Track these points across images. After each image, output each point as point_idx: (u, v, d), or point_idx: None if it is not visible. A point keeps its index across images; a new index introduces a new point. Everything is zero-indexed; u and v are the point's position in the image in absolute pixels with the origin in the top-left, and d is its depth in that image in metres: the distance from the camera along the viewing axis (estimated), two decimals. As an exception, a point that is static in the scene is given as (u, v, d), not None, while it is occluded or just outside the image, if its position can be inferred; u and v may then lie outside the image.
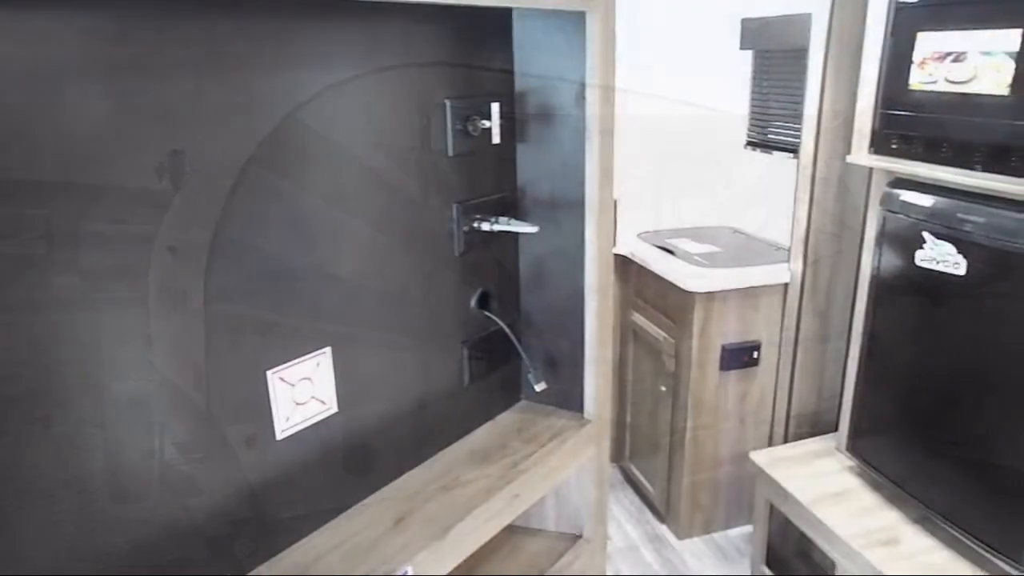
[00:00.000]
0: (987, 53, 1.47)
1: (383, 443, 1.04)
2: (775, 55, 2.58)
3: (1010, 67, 1.43)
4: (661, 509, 2.54)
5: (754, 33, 2.58)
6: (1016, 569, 1.59)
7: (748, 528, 2.43)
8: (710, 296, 2.19)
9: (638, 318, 2.53)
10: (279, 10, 0.81)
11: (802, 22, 2.14)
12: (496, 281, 1.19)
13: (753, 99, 2.74)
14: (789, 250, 2.24)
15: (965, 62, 1.52)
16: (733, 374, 2.29)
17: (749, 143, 2.77)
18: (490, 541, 1.23)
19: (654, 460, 2.53)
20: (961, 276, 1.63)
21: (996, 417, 1.61)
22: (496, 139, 1.11)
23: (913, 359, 1.82)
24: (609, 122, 1.10)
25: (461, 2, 0.91)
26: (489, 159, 1.13)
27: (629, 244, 2.54)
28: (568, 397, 1.23)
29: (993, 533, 1.62)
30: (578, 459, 1.18)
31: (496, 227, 1.11)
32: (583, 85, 1.06)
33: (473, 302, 1.15)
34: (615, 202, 1.17)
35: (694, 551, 2.42)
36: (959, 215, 1.62)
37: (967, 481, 1.68)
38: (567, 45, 1.06)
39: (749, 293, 2.23)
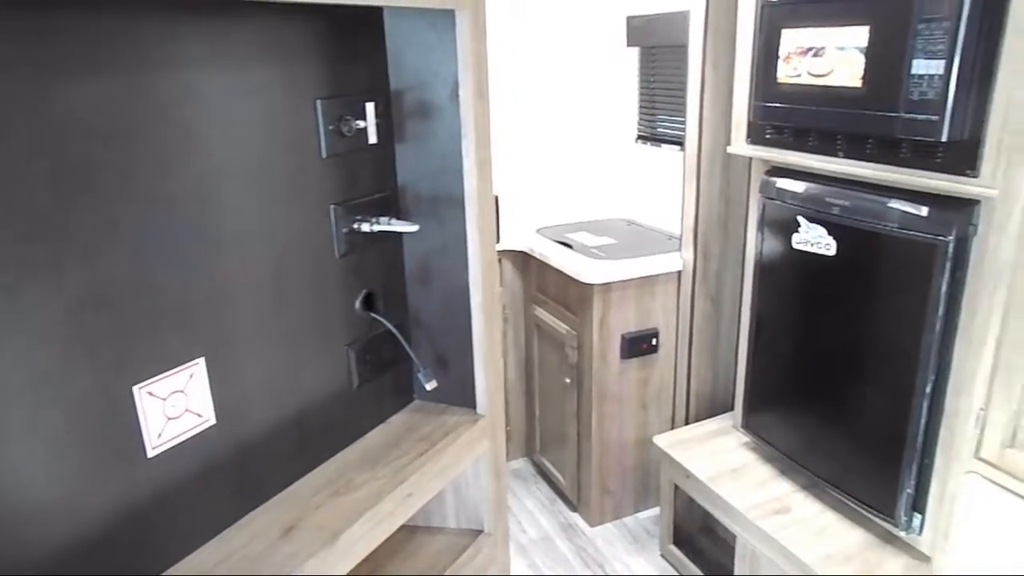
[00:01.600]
0: (841, 48, 1.57)
1: (269, 452, 1.01)
2: (659, 51, 2.67)
3: (861, 61, 1.53)
4: (572, 498, 2.59)
5: (639, 30, 2.66)
6: (891, 524, 1.71)
7: (656, 510, 2.51)
8: (608, 287, 2.24)
9: (541, 312, 2.57)
10: (136, 6, 0.78)
11: (682, 19, 2.22)
12: (382, 281, 1.18)
13: (641, 94, 2.83)
14: (680, 239, 2.33)
15: (824, 56, 1.62)
16: (634, 362, 2.35)
17: (639, 137, 2.85)
18: (390, 543, 1.22)
19: (563, 451, 2.58)
20: (832, 256, 1.74)
21: (869, 387, 1.72)
22: (373, 139, 1.10)
23: (795, 337, 1.93)
24: (484, 118, 1.11)
25: (324, 1, 0.89)
26: (367, 159, 1.12)
27: (528, 239, 2.58)
28: (460, 394, 1.23)
29: (871, 494, 1.74)
30: (472, 454, 1.19)
31: (377, 227, 1.11)
32: (456, 83, 1.07)
33: (357, 304, 1.14)
34: (497, 197, 1.18)
35: (606, 537, 2.48)
36: (828, 199, 1.73)
37: (847, 448, 1.80)
38: (439, 43, 1.07)
39: (645, 282, 2.30)
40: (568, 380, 2.43)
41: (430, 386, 1.18)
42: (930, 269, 1.50)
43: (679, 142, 2.50)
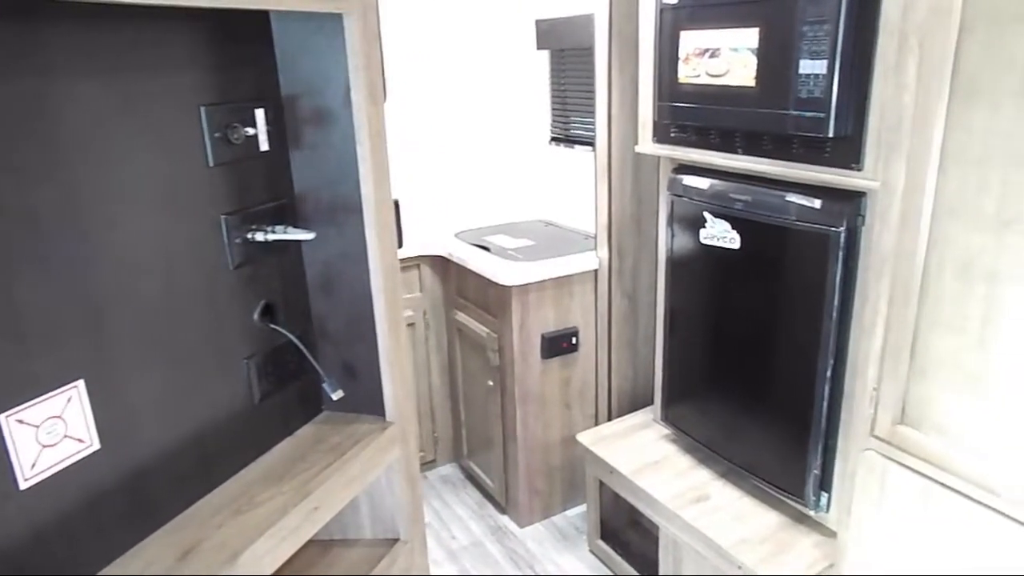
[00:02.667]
0: (735, 49, 1.63)
1: (165, 474, 0.97)
2: (568, 54, 2.70)
3: (753, 62, 1.59)
4: (501, 501, 2.60)
5: (547, 33, 2.69)
6: (801, 504, 1.78)
7: (584, 507, 2.54)
8: (526, 288, 2.26)
9: (462, 316, 2.56)
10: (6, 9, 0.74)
11: (587, 23, 2.26)
12: (282, 291, 1.15)
13: (553, 97, 2.86)
14: (595, 238, 2.36)
15: (720, 57, 1.67)
16: (555, 361, 2.38)
17: (553, 139, 2.88)
18: (304, 558, 1.19)
19: (490, 454, 2.58)
20: (737, 249, 1.80)
21: (776, 374, 1.79)
22: (264, 146, 1.07)
23: (706, 329, 1.99)
24: (378, 123, 1.10)
25: (203, 4, 0.86)
26: (259, 167, 1.09)
27: (447, 244, 2.57)
28: (369, 402, 1.21)
29: (782, 477, 1.80)
30: (383, 462, 1.17)
31: (272, 237, 1.08)
32: (348, 87, 1.05)
33: (256, 315, 1.11)
34: (397, 202, 1.17)
35: (535, 537, 2.49)
36: (731, 195, 1.79)
37: (759, 435, 1.86)
38: (329, 47, 1.05)
39: (563, 282, 2.33)
40: (491, 383, 2.43)
41: (336, 396, 1.16)
42: (825, 259, 1.57)
43: (591, 143, 2.54)
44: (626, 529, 2.36)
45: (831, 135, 1.46)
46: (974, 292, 1.23)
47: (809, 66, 1.47)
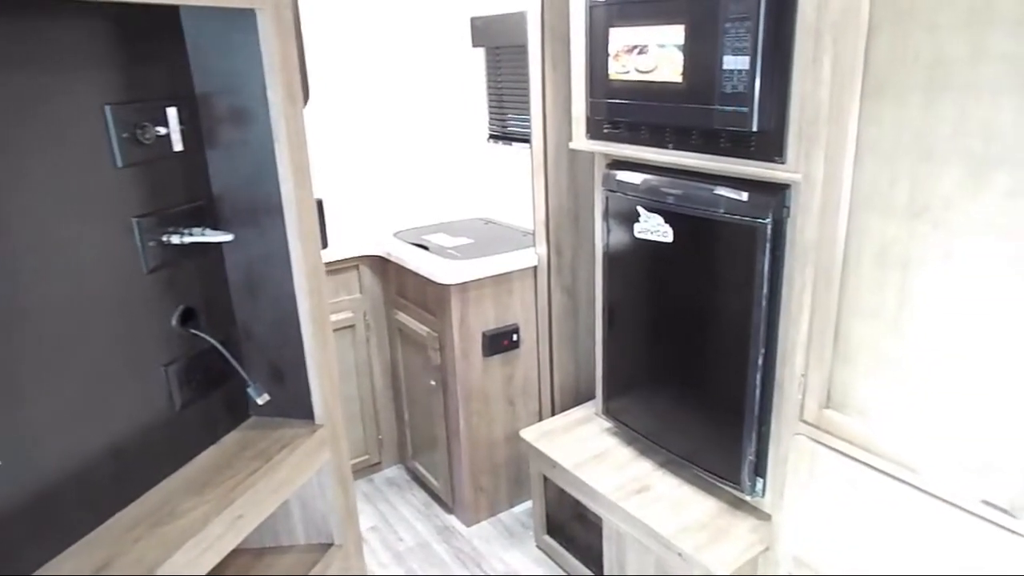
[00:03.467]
0: (662, 46, 1.65)
1: (76, 489, 0.93)
2: (503, 51, 2.71)
3: (680, 58, 1.62)
4: (447, 501, 2.58)
5: (482, 31, 2.69)
6: (738, 490, 1.83)
7: (530, 503, 2.55)
8: (465, 287, 2.25)
9: (402, 317, 2.54)
10: None
11: (521, 20, 2.26)
12: (203, 295, 1.12)
13: (489, 94, 2.86)
14: (534, 235, 2.37)
15: (648, 54, 1.70)
16: (497, 359, 2.37)
17: (491, 136, 2.88)
18: (234, 568, 1.16)
19: (435, 454, 2.56)
20: (670, 243, 1.82)
21: (711, 364, 1.82)
22: (178, 146, 1.04)
23: (643, 322, 2.02)
24: (297, 121, 1.08)
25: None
26: (173, 168, 1.05)
27: (385, 244, 2.54)
28: (297, 405, 1.19)
29: (720, 464, 1.84)
30: (312, 466, 1.15)
31: (189, 239, 1.04)
32: (264, 85, 1.03)
33: (174, 320, 1.07)
34: (321, 202, 1.15)
35: (482, 535, 2.49)
36: (662, 189, 1.81)
37: (697, 424, 1.90)
38: (243, 45, 1.02)
39: (503, 279, 2.33)
40: (433, 382, 2.42)
41: (261, 400, 1.13)
42: (753, 250, 1.61)
43: (528, 140, 2.54)
44: (572, 523, 2.38)
45: (755, 129, 1.50)
46: (889, 280, 1.28)
47: (732, 62, 1.50)
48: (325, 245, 1.14)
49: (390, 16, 2.91)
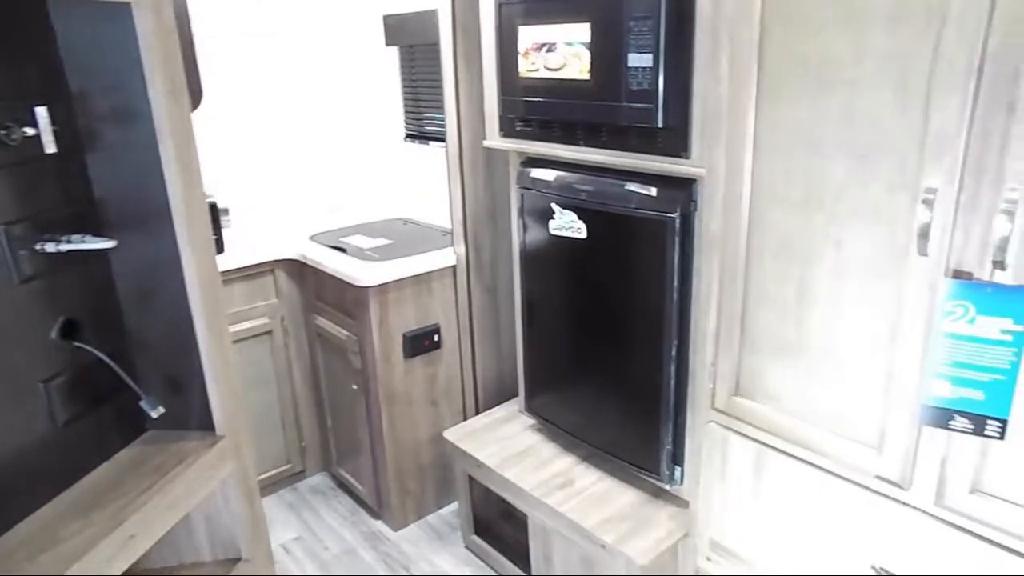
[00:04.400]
0: (570, 44, 1.67)
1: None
2: (417, 49, 2.68)
3: (587, 56, 1.64)
4: (374, 506, 2.55)
5: (395, 29, 2.65)
6: (657, 480, 1.87)
7: (457, 504, 2.53)
8: (384, 288, 2.22)
9: (321, 321, 2.48)
10: None
11: (433, 18, 2.24)
12: (88, 306, 1.05)
13: (405, 93, 2.83)
14: (452, 234, 2.36)
15: (556, 52, 1.71)
16: (418, 360, 2.35)
17: (408, 136, 2.85)
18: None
19: (359, 459, 2.52)
20: (585, 239, 1.85)
21: (628, 357, 1.86)
22: (51, 148, 0.98)
23: (562, 318, 2.04)
24: (183, 121, 1.03)
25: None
26: (46, 171, 0.98)
27: (301, 247, 2.48)
28: (196, 417, 1.14)
29: (640, 455, 1.88)
30: (213, 479, 1.10)
31: (66, 247, 0.98)
32: (144, 83, 0.98)
33: (54, 333, 1.01)
34: (214, 205, 1.11)
35: (410, 538, 2.46)
36: (575, 186, 1.83)
37: (616, 417, 1.93)
38: (120, 40, 0.96)
39: (422, 280, 2.30)
40: (355, 386, 2.38)
41: (156, 413, 1.08)
42: (663, 244, 1.64)
43: (444, 139, 2.53)
44: (499, 521, 2.37)
45: (660, 125, 1.53)
46: (789, 271, 1.33)
47: (637, 59, 1.53)
48: (220, 250, 1.09)
49: (302, 15, 2.84)
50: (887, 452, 1.25)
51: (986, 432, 1.12)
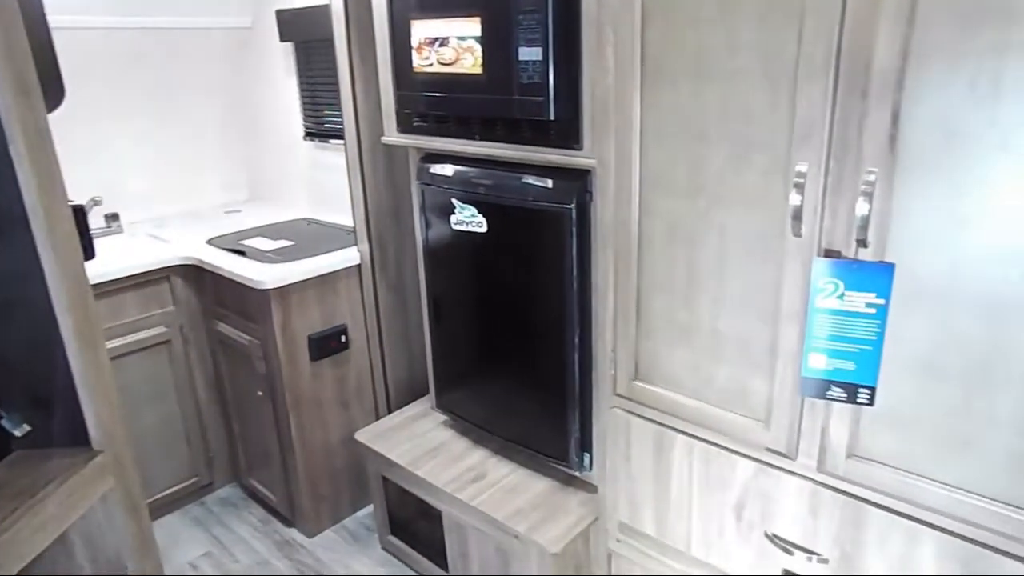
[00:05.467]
0: (462, 38, 1.67)
1: None
2: (313, 45, 2.62)
3: (479, 50, 1.64)
4: (287, 514, 2.48)
5: (289, 25, 2.59)
6: (567, 467, 1.90)
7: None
8: (286, 290, 2.16)
9: (223, 327, 2.40)
10: None
11: (327, 13, 2.20)
12: (-62, 321, 0.98)
13: (302, 91, 2.76)
14: (355, 232, 2.32)
15: (449, 46, 1.71)
16: (326, 362, 2.31)
17: (307, 134, 2.78)
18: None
19: (270, 467, 2.45)
20: (485, 232, 1.85)
21: (534, 347, 1.88)
22: None
23: (467, 313, 2.04)
24: (37, 120, 0.96)
25: None
26: None
27: (197, 251, 2.39)
28: (69, 433, 1.08)
29: (549, 445, 1.90)
30: (91, 496, 1.04)
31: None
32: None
33: None
34: (81, 208, 1.05)
35: (326, 544, 2.42)
36: (474, 180, 1.84)
37: (526, 407, 1.95)
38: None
39: (326, 280, 2.26)
40: (261, 392, 2.31)
41: (20, 432, 1.01)
42: (561, 235, 1.67)
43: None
44: (415, 520, 2.36)
45: (552, 118, 1.55)
46: (678, 255, 1.38)
47: (527, 53, 1.55)
48: (89, 256, 1.04)
49: (190, 9, 2.73)
50: (774, 425, 1.31)
51: (858, 400, 1.19)
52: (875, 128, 1.06)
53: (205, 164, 2.98)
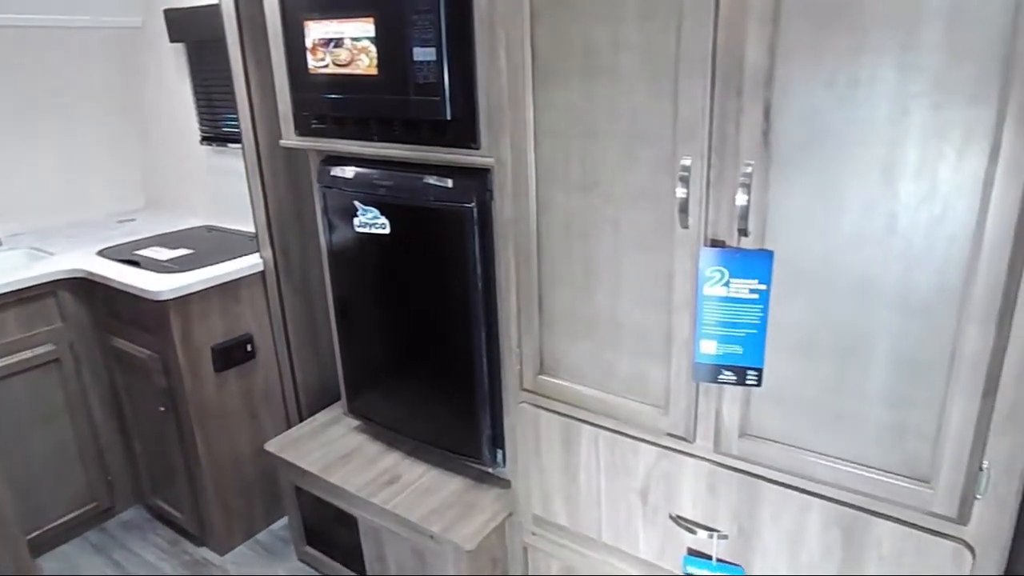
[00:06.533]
0: (356, 39, 1.66)
1: None
2: (205, 46, 2.53)
3: (374, 51, 1.63)
4: (196, 532, 2.39)
5: (179, 25, 2.49)
6: (481, 464, 1.91)
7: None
8: (186, 300, 2.08)
9: (118, 342, 2.29)
10: None
11: (217, 12, 2.13)
12: None
13: (197, 93, 2.66)
14: (257, 238, 2.26)
15: (344, 47, 1.69)
16: (231, 372, 2.24)
17: (204, 139, 2.69)
18: None
19: (176, 485, 2.35)
20: (389, 234, 1.84)
21: (442, 347, 1.88)
22: None
23: (374, 316, 2.02)
24: None
25: None
26: None
27: (87, 263, 2.27)
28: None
29: (462, 443, 1.91)
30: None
31: None
32: None
33: None
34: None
35: (239, 560, 2.34)
36: (375, 181, 1.82)
37: (437, 407, 1.95)
38: None
39: (228, 288, 2.19)
40: (163, 408, 2.21)
41: None
42: (464, 233, 1.68)
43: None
44: (331, 528, 2.32)
45: (449, 118, 1.56)
46: (576, 249, 1.41)
47: (422, 53, 1.55)
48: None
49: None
50: (672, 410, 1.36)
51: (747, 381, 1.25)
52: (750, 123, 1.12)
53: (94, 172, 2.83)
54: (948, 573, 1.13)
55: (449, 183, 1.67)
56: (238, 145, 2.53)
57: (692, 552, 1.44)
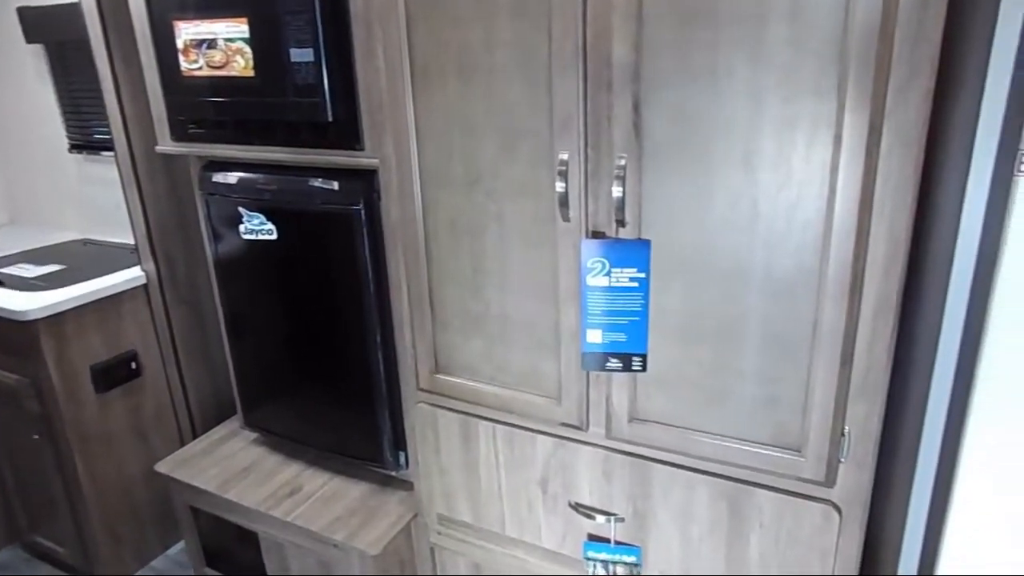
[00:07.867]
0: (230, 40, 1.60)
1: None
2: (68, 47, 2.38)
3: (249, 52, 1.58)
4: (82, 567, 2.25)
5: (35, 25, 2.33)
6: (384, 469, 1.89)
7: (186, 539, 2.34)
8: (59, 319, 1.96)
9: (-17, 368, 2.12)
10: None
11: (79, 11, 2.00)
12: None
13: (62, 98, 2.50)
14: (138, 250, 2.15)
15: (217, 48, 1.63)
16: (115, 392, 2.12)
17: (73, 146, 2.53)
18: None
19: (57, 518, 2.21)
20: (276, 240, 1.79)
21: (338, 353, 1.84)
22: None
23: (266, 325, 1.96)
24: None
25: None
26: None
27: (-59, 285, 2.09)
28: None
29: (364, 448, 1.88)
30: None
31: None
32: None
33: None
34: None
35: (133, 590, 2.22)
36: (259, 186, 1.77)
37: (336, 414, 1.91)
38: None
39: (107, 304, 2.07)
40: (37, 436, 2.07)
41: None
42: (353, 236, 1.65)
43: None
44: (232, 547, 2.23)
45: (330, 119, 1.53)
46: (462, 247, 1.42)
47: (299, 54, 1.52)
48: None
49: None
50: (565, 400, 1.39)
51: (633, 367, 1.29)
52: (621, 117, 1.16)
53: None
54: (820, 533, 1.21)
55: (335, 185, 1.64)
56: (111, 152, 2.40)
57: (592, 537, 1.47)
